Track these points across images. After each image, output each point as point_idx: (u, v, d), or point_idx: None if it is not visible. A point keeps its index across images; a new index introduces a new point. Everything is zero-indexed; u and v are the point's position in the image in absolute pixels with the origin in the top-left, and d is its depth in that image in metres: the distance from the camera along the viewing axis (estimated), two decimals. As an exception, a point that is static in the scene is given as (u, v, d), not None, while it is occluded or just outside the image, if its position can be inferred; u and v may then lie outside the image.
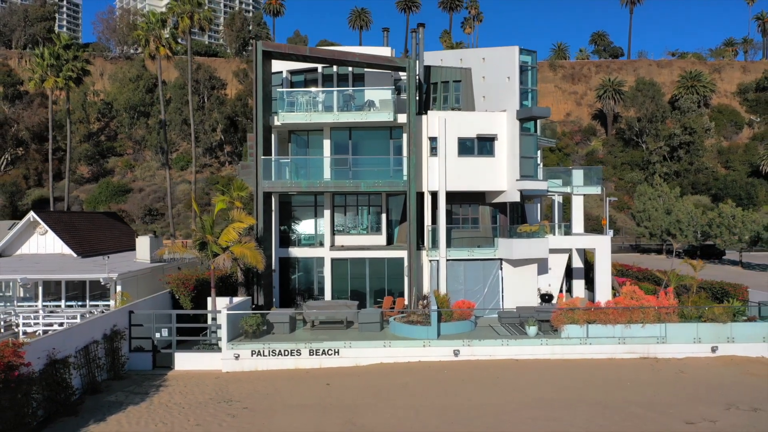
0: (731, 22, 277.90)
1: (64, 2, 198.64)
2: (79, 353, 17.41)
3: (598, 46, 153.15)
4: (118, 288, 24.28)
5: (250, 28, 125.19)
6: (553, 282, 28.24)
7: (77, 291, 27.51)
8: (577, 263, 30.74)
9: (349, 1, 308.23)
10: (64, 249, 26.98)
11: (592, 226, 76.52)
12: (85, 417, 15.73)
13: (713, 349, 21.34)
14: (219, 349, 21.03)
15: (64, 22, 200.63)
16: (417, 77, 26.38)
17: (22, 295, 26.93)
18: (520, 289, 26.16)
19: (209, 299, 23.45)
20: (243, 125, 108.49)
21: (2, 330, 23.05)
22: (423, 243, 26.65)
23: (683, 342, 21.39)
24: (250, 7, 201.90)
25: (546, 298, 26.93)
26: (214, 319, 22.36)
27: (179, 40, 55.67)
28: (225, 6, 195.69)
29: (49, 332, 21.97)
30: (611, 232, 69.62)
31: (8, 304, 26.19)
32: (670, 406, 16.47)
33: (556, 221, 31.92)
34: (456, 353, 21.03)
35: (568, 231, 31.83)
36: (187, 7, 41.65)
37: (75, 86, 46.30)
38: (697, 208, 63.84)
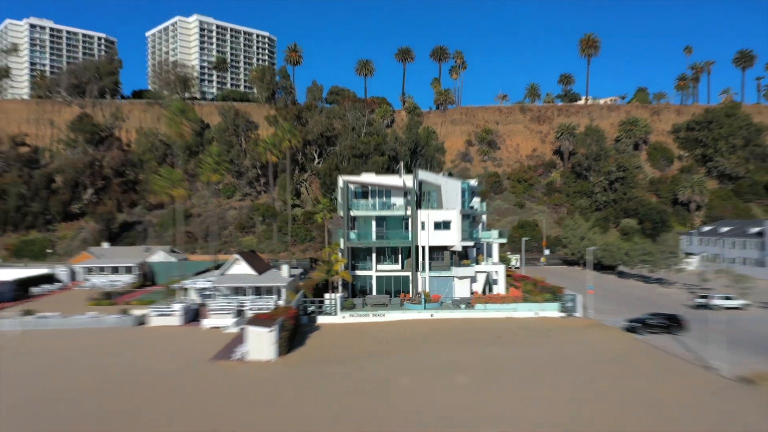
0: (674, 69, 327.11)
1: (102, 40, 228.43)
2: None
3: (566, 86, 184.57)
4: (284, 290, 55.52)
5: (278, 78, 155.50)
6: (478, 287, 59.63)
7: (250, 292, 58.59)
8: (495, 276, 62.24)
9: (357, 52, 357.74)
10: (249, 270, 58.07)
11: (545, 243, 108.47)
12: (304, 337, 46.98)
13: (536, 314, 52.86)
14: (336, 314, 52.30)
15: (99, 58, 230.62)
16: (415, 191, 57.71)
17: (225, 294, 58.03)
18: (461, 290, 57.53)
19: (326, 294, 54.59)
20: (276, 163, 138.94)
21: (238, 308, 54.03)
22: (418, 268, 57.88)
23: (524, 311, 52.90)
24: (266, 47, 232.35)
25: (473, 294, 58.34)
26: (330, 301, 53.47)
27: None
28: (244, 47, 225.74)
29: (256, 312, 53.11)
30: (548, 251, 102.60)
31: (223, 299, 57.17)
32: (501, 333, 47.81)
33: (485, 256, 63.27)
34: (431, 315, 52.41)
35: (493, 261, 63.24)
36: (287, 135, 73.24)
37: (221, 176, 77.91)
38: (607, 235, 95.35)
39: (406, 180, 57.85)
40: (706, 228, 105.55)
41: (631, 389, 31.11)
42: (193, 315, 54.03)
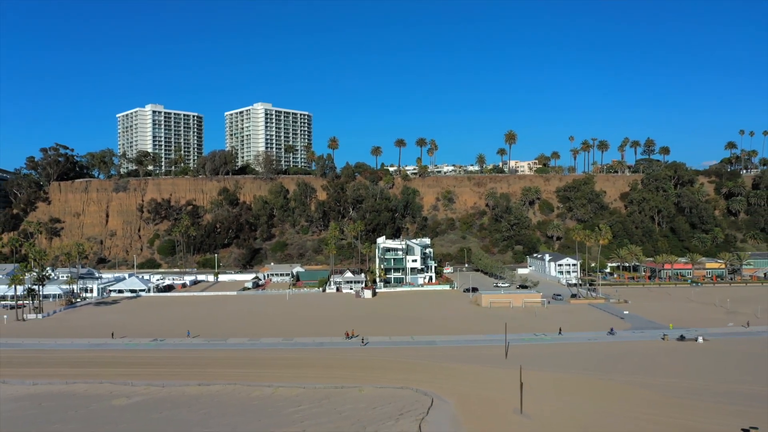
0: (564, 146, 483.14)
1: (195, 117, 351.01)
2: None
3: (502, 155, 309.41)
4: (364, 280, 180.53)
5: (327, 162, 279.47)
6: (426, 279, 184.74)
7: (353, 281, 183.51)
8: (432, 275, 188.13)
9: (372, 140, 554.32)
10: (350, 274, 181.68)
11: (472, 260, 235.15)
12: (375, 292, 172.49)
13: (442, 288, 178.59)
14: (381, 288, 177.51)
15: (194, 131, 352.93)
16: (404, 248, 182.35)
17: (346, 281, 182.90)
18: (421, 281, 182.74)
19: (376, 281, 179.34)
20: (328, 214, 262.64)
21: (351, 286, 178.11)
22: (407, 273, 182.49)
23: (439, 288, 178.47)
24: (306, 121, 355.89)
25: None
26: (378, 283, 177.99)
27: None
28: (292, 123, 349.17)
29: (362, 286, 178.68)
30: (466, 267, 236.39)
31: (345, 283, 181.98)
32: (431, 294, 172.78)
33: (430, 269, 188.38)
34: (412, 288, 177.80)
35: (431, 271, 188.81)
36: (358, 226, 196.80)
37: (341, 239, 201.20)
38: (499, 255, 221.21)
39: (402, 244, 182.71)
40: (537, 255, 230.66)
41: (454, 304, 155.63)
42: (336, 288, 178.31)
